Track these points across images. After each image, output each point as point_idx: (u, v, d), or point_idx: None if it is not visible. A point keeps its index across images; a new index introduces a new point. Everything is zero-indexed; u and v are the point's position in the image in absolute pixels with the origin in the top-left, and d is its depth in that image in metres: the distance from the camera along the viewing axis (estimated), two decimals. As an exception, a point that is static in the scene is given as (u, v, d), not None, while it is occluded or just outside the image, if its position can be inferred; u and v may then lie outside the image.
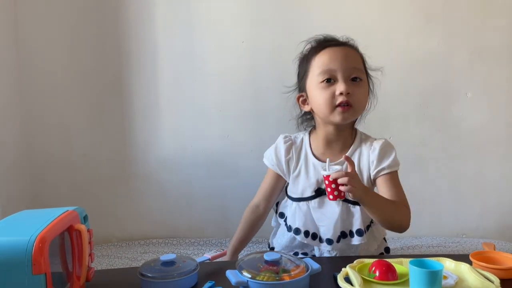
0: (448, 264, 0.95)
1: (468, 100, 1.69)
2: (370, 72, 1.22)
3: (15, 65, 1.66)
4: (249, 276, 0.86)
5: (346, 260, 0.99)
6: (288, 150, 1.22)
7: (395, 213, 1.09)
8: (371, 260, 0.93)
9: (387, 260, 0.91)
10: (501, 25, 1.66)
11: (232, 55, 1.69)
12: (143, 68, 1.70)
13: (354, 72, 1.11)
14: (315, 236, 1.17)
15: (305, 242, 1.18)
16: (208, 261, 1.04)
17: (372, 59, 1.37)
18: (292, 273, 0.87)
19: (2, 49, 1.59)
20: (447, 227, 1.75)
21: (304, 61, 1.20)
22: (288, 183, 1.26)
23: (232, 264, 0.95)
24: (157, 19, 1.68)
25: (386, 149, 1.17)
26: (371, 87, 1.22)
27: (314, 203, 1.17)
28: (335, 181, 1.01)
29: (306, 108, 1.21)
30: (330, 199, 1.05)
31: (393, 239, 1.68)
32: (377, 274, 0.88)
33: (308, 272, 0.88)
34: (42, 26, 1.67)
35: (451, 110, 1.70)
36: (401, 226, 1.11)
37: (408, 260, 0.88)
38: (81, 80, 1.70)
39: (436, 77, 1.69)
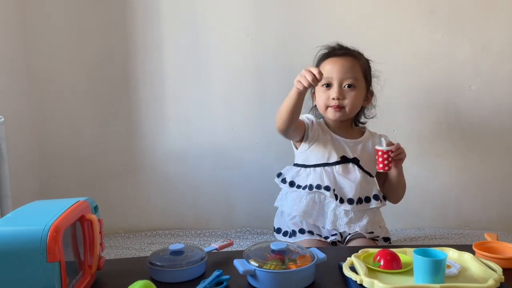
0: (452, 254, 0.97)
1: (472, 92, 1.70)
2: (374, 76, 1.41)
3: (24, 62, 1.68)
4: (256, 265, 0.88)
5: (351, 250, 1.01)
6: (318, 122, 1.41)
7: (403, 188, 1.39)
8: (376, 250, 0.95)
9: (392, 249, 0.93)
10: (505, 18, 1.66)
11: (237, 48, 1.70)
12: (149, 62, 1.71)
13: (348, 80, 1.32)
14: (336, 197, 1.31)
15: (332, 199, 1.31)
16: (215, 250, 1.05)
17: (376, 52, 1.39)
18: (298, 262, 0.89)
19: (12, 48, 1.62)
20: (450, 219, 1.76)
21: (317, 65, 1.41)
22: (303, 153, 1.39)
23: (239, 253, 0.97)
24: (162, 13, 1.69)
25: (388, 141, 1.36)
26: (370, 89, 1.40)
27: (338, 168, 1.34)
28: (388, 156, 1.27)
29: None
30: (380, 168, 1.28)
31: (396, 230, 1.70)
32: (381, 263, 0.90)
33: (314, 261, 0.90)
34: (50, 23, 1.69)
35: (455, 102, 1.71)
36: (399, 199, 1.41)
37: (412, 249, 0.90)
38: (88, 74, 1.72)
39: (440, 70, 1.69)
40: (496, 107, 1.70)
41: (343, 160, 1.34)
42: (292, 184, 1.36)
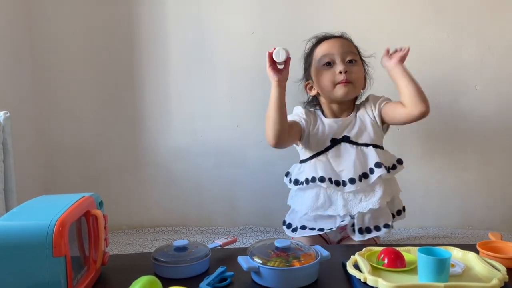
0: (456, 253, 0.97)
1: (477, 92, 1.69)
2: (364, 59, 1.41)
3: (30, 58, 1.69)
4: (260, 262, 0.88)
5: (355, 248, 1.01)
6: (306, 112, 1.39)
7: (421, 88, 1.27)
8: (380, 248, 0.95)
9: (396, 248, 0.93)
10: (510, 18, 1.65)
11: (242, 46, 1.70)
12: (154, 59, 1.72)
13: (349, 55, 1.31)
14: (338, 183, 1.28)
15: (330, 188, 1.28)
16: (219, 247, 1.06)
17: (381, 51, 1.39)
18: (302, 259, 0.89)
19: (17, 44, 1.62)
20: (453, 218, 1.76)
21: (308, 56, 1.41)
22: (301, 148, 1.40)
23: (243, 250, 0.97)
24: (167, 10, 1.69)
25: (374, 95, 1.37)
26: (366, 70, 1.39)
27: (331, 152, 1.32)
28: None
29: (313, 93, 1.40)
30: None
31: (399, 229, 1.69)
32: (385, 261, 0.90)
33: (318, 259, 0.90)
34: (55, 19, 1.69)
35: (459, 102, 1.70)
36: (426, 101, 1.26)
37: (416, 248, 0.90)
38: (93, 70, 1.73)
39: (445, 69, 1.69)
40: (501, 107, 1.69)
41: (334, 142, 1.32)
42: (296, 182, 1.35)
